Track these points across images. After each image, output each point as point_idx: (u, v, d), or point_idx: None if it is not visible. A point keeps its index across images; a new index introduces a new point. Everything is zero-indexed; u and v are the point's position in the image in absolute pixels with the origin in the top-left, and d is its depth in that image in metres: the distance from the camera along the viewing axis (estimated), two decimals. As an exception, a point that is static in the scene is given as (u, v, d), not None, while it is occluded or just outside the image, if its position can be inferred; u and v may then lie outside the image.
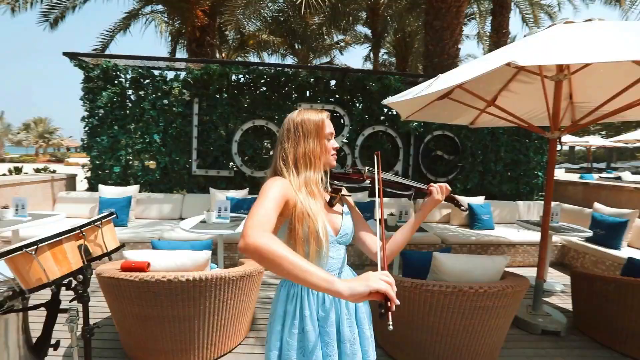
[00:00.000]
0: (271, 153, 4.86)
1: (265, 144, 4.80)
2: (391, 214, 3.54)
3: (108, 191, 4.17)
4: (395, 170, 4.99)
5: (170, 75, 4.54)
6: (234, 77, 4.59)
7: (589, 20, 2.39)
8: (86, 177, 4.61)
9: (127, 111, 4.47)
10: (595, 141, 12.84)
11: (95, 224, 1.25)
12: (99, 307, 2.58)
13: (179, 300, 1.91)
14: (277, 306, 1.03)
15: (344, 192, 1.10)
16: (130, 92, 4.51)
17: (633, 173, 13.94)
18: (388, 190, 1.13)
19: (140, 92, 4.50)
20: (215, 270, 1.99)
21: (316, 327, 0.99)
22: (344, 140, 4.81)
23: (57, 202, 4.29)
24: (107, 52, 8.65)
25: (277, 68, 4.68)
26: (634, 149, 21.48)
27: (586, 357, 2.33)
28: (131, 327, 2.03)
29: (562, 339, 2.54)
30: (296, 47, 13.42)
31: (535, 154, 5.20)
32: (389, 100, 2.82)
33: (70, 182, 4.74)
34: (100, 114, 4.44)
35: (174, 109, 4.48)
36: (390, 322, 0.60)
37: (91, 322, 1.37)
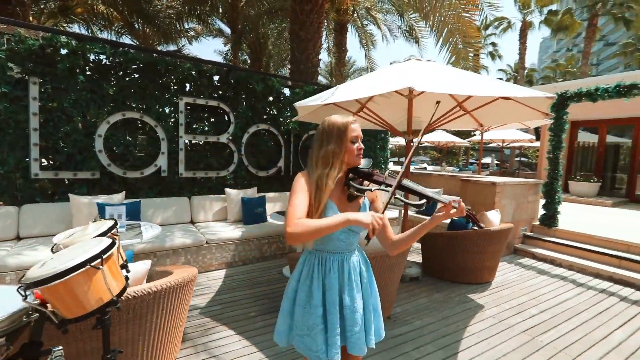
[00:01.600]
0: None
1: (140, 140, 4.14)
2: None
3: None
4: (279, 166, 5.32)
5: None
6: (92, 57, 3.72)
7: (429, 60, 3.50)
8: None
9: None
10: (402, 141, 17.57)
11: (112, 231, 0.98)
12: None
13: (122, 323, 1.64)
14: (295, 271, 1.32)
15: (358, 191, 1.20)
16: None
17: (429, 164, 20.21)
18: (398, 198, 1.23)
19: None
20: (164, 279, 1.80)
21: (320, 289, 1.25)
22: (229, 138, 4.76)
23: None
24: None
25: (155, 54, 4.11)
26: (420, 147, 30.55)
27: (437, 288, 3.45)
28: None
29: (421, 282, 3.63)
30: (136, 26, 11.50)
31: (380, 151, 6.73)
32: (299, 104, 3.14)
33: None
34: None
35: (-5, 88, 3.23)
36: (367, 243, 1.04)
37: None
